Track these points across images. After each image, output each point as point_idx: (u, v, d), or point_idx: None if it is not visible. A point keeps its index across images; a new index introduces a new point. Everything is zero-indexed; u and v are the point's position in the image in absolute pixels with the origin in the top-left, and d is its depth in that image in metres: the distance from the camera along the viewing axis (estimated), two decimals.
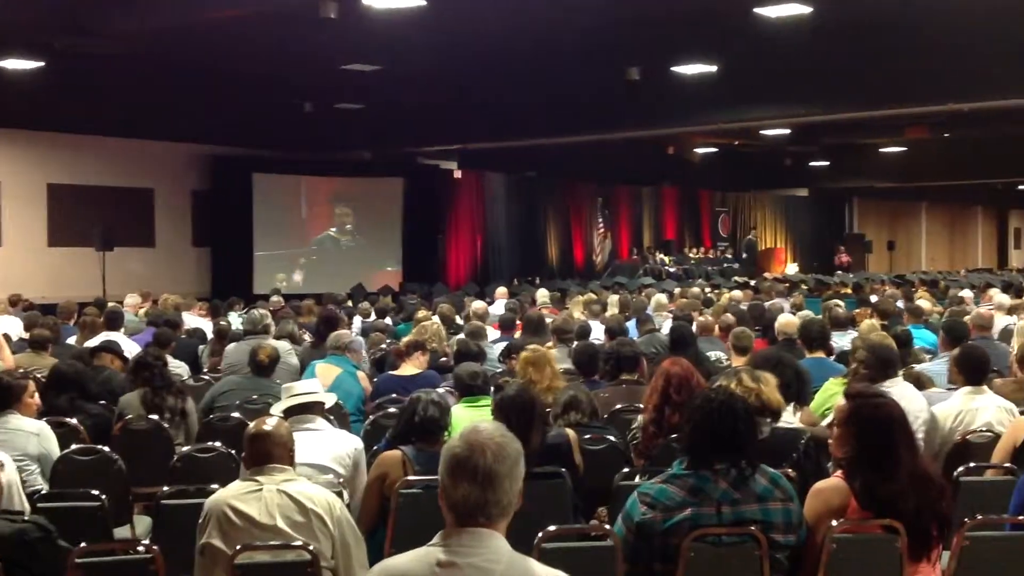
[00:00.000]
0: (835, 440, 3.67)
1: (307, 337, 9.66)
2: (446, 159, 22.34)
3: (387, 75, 14.44)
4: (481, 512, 2.45)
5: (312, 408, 4.82)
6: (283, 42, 12.51)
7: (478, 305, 11.61)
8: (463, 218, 23.40)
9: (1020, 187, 36.92)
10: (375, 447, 4.98)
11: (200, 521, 3.71)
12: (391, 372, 7.08)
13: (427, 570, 2.43)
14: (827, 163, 28.52)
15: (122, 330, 9.41)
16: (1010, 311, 11.32)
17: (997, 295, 12.73)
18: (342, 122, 17.83)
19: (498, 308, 11.90)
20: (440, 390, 5.62)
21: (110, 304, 10.92)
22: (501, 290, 14.68)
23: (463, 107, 16.75)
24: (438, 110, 16.98)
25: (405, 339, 7.82)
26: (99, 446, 5.29)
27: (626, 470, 4.46)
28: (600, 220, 27.02)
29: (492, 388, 5.60)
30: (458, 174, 22.91)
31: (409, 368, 6.92)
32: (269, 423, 3.89)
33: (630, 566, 3.49)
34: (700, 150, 25.71)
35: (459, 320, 11.10)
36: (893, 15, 11.97)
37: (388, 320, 11.60)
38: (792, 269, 29.17)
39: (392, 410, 5.77)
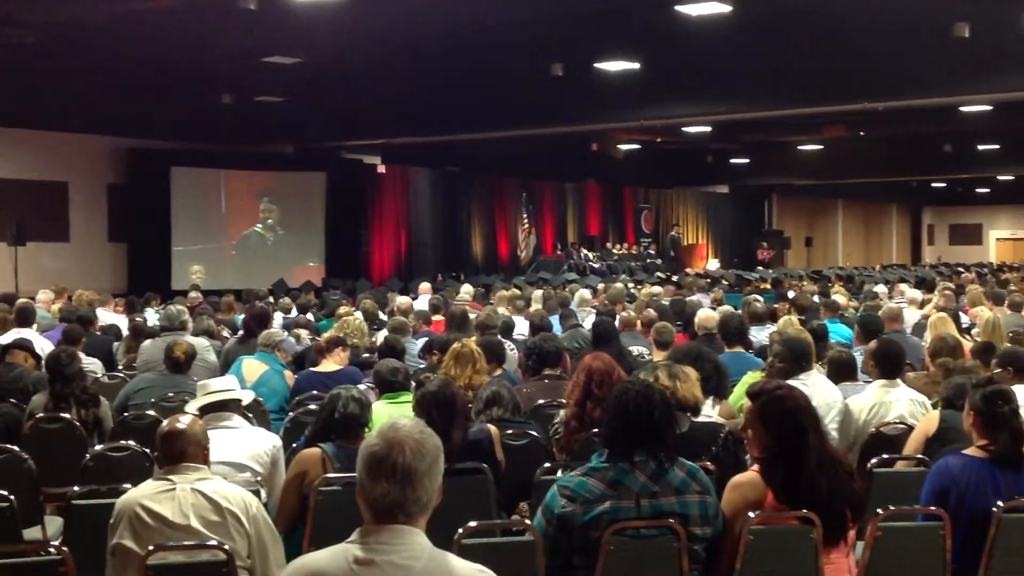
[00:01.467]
0: (749, 441, 3.73)
1: (226, 333, 9.51)
2: (369, 153, 22.18)
3: (308, 68, 14.26)
4: (400, 510, 2.43)
5: (228, 406, 4.74)
6: (202, 33, 12.28)
7: (402, 300, 11.55)
8: (387, 213, 23.25)
9: (933, 185, 37.95)
10: (294, 444, 4.91)
11: (111, 521, 3.63)
12: (312, 368, 6.99)
13: (344, 567, 2.40)
14: (747, 160, 28.96)
15: (34, 327, 9.16)
16: (921, 305, 11.62)
17: (908, 290, 13.04)
18: (263, 115, 17.58)
19: (421, 304, 11.85)
20: (361, 386, 5.56)
21: (21, 300, 10.61)
22: (424, 285, 14.62)
23: (386, 101, 16.64)
24: (361, 104, 16.85)
25: (326, 335, 7.75)
26: (8, 445, 5.13)
27: (547, 465, 4.46)
28: (525, 216, 27.08)
29: (413, 384, 5.57)
30: (382, 169, 22.76)
31: (330, 364, 6.85)
32: (183, 421, 3.82)
33: (550, 559, 3.50)
34: (623, 147, 25.90)
35: (382, 316, 11.03)
36: (811, 14, 12.18)
37: (310, 316, 11.47)
38: (713, 265, 29.57)
39: (313, 407, 5.70)
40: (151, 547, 3.46)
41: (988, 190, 39.64)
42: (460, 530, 3.44)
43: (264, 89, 16.04)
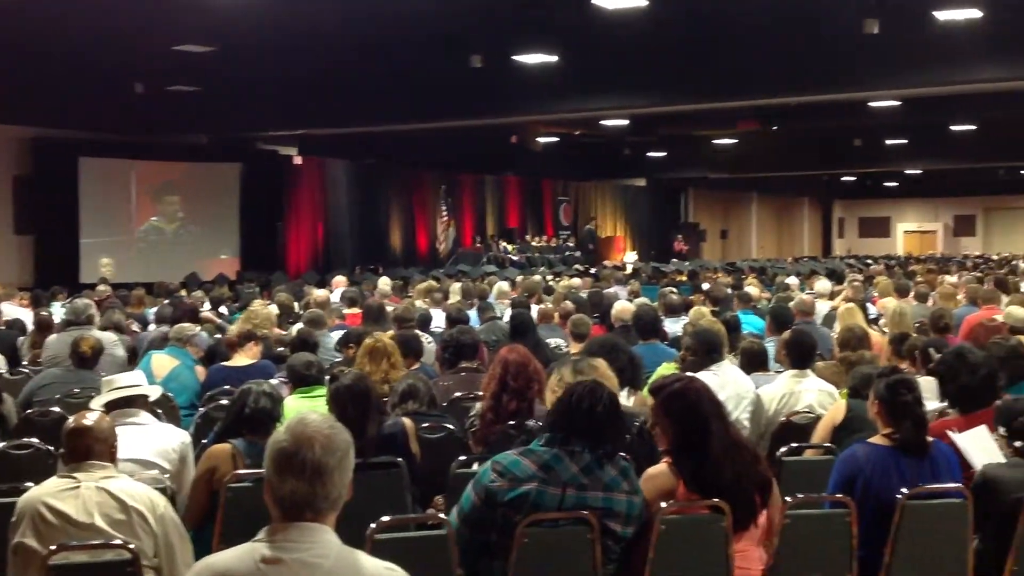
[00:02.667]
0: (657, 436, 3.79)
1: (135, 327, 9.31)
2: (286, 144, 21.89)
3: (223, 57, 14.02)
4: (309, 507, 2.39)
5: (135, 401, 4.63)
6: (111, 20, 11.98)
7: (319, 293, 11.42)
8: (304, 205, 22.98)
9: (843, 179, 38.84)
10: (204, 440, 4.82)
11: (13, 520, 3.53)
12: (223, 363, 6.87)
13: (251, 566, 2.35)
14: (664, 154, 29.28)
15: None
16: (831, 297, 11.86)
17: (819, 282, 13.31)
18: (175, 105, 17.23)
19: (336, 297, 11.73)
20: (274, 380, 5.48)
21: None
22: (339, 279, 14.48)
23: (303, 92, 16.43)
24: (277, 94, 16.61)
25: (236, 328, 7.61)
26: None
27: (463, 458, 4.44)
28: (444, 208, 26.99)
29: (327, 378, 5.50)
30: (298, 160, 22.47)
31: (242, 359, 6.74)
32: (90, 417, 3.73)
33: (471, 534, 3.49)
34: (542, 139, 25.99)
35: (298, 309, 10.89)
36: (726, 9, 12.35)
37: (224, 309, 11.28)
38: (631, 257, 29.84)
39: (224, 402, 5.59)
40: (53, 547, 3.37)
41: (896, 184, 40.73)
42: (372, 525, 3.40)
43: (177, 78, 15.72)
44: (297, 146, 22.12)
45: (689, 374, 4.34)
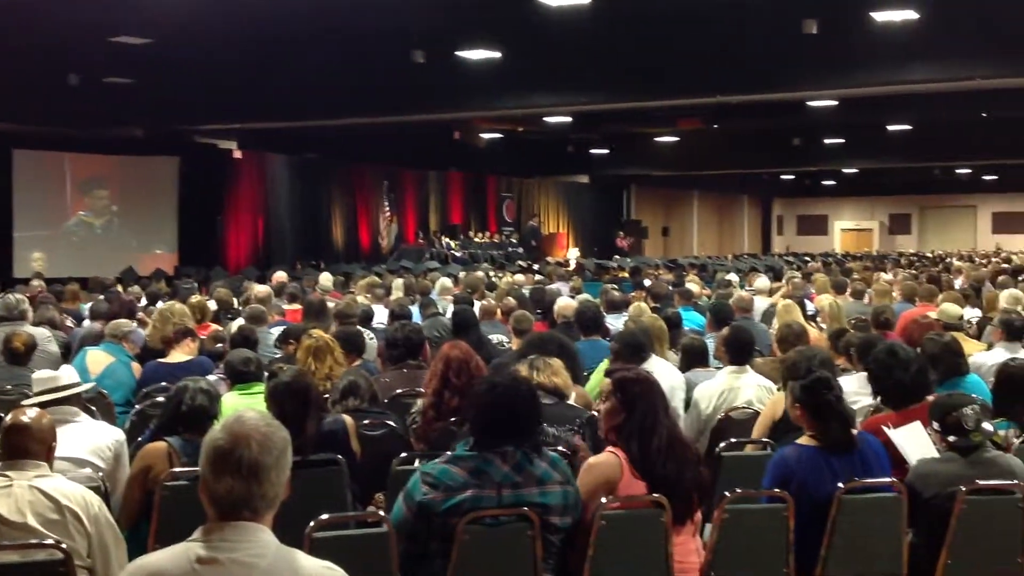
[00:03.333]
0: (603, 415, 3.82)
1: (70, 323, 9.13)
2: (225, 138, 21.60)
3: (160, 48, 13.80)
4: (246, 506, 2.35)
5: (68, 399, 4.53)
6: (45, 10, 11.73)
7: (259, 289, 11.30)
8: (243, 199, 22.69)
9: (782, 177, 39.33)
10: (139, 438, 4.74)
11: None
12: (159, 360, 6.76)
13: (185, 567, 2.31)
14: (607, 151, 29.42)
15: None
16: (770, 294, 12.00)
17: (758, 279, 13.47)
18: (111, 97, 16.92)
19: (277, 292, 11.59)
20: (212, 377, 5.41)
21: None
22: (279, 274, 14.34)
23: (242, 85, 16.23)
24: (216, 87, 16.39)
25: (153, 327, 7.43)
26: None
27: (404, 455, 4.42)
28: (386, 204, 26.84)
29: (266, 374, 5.44)
30: (238, 154, 22.19)
31: (178, 355, 6.64)
32: (28, 415, 3.65)
33: (407, 546, 3.47)
34: (485, 135, 25.97)
35: (236, 304, 10.76)
36: (668, 8, 12.43)
37: (160, 305, 11.08)
38: (574, 254, 29.93)
39: (160, 399, 5.51)
40: None
41: (834, 182, 41.35)
42: (311, 524, 3.37)
43: (113, 70, 15.45)
44: (236, 140, 21.85)
45: (662, 367, 4.34)
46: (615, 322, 8.81)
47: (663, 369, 5.88)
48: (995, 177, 38.38)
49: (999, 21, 12.70)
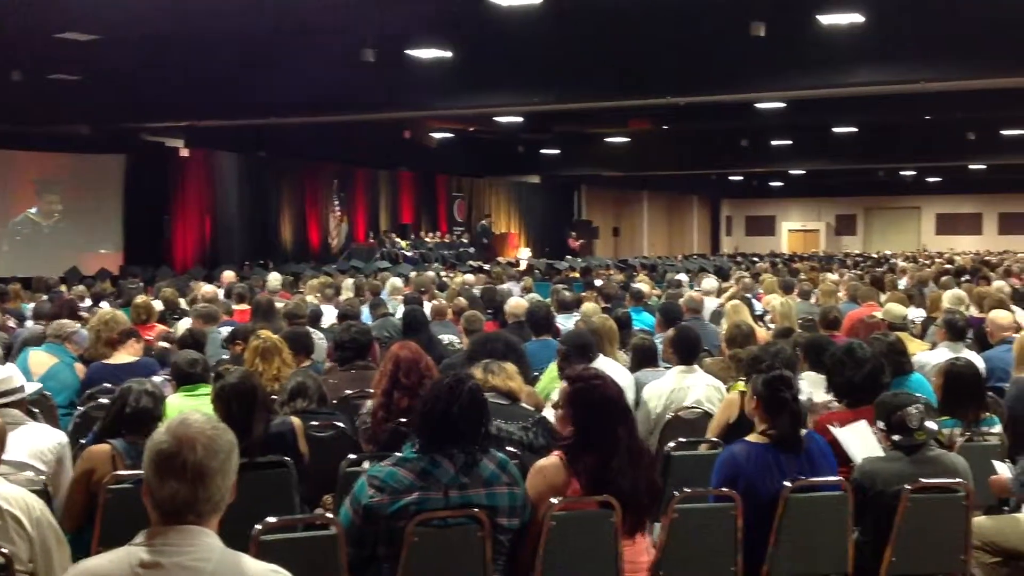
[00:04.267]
0: (558, 420, 3.79)
1: (12, 324, 8.97)
2: (172, 136, 21.35)
3: (106, 45, 13.58)
4: (190, 510, 2.31)
5: (14, 401, 4.43)
6: None
7: (207, 289, 11.18)
8: (191, 198, 22.43)
9: (731, 178, 39.69)
10: (83, 441, 4.65)
11: None
12: (104, 361, 6.65)
13: (128, 571, 2.27)
14: (558, 151, 29.48)
15: None
16: (719, 294, 12.10)
17: (706, 280, 13.57)
18: (57, 94, 16.63)
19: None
20: (157, 378, 5.33)
21: None
22: (228, 273, 14.20)
23: (190, 82, 16.03)
24: (163, 85, 16.17)
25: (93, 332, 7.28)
26: None
27: (353, 456, 4.39)
28: (336, 203, 26.70)
29: (213, 375, 5.37)
30: (185, 152, 21.94)
31: (123, 356, 6.54)
32: None
33: (355, 550, 3.44)
34: (436, 135, 25.91)
35: (183, 304, 10.63)
36: (619, 10, 12.48)
37: (105, 305, 10.93)
38: (525, 254, 29.98)
39: (104, 401, 5.42)
40: None
41: (781, 184, 41.82)
42: (258, 527, 3.33)
43: (58, 66, 15.18)
44: (184, 138, 21.60)
45: (615, 368, 4.33)
46: (566, 322, 8.83)
47: (612, 370, 5.88)
48: (939, 179, 39.07)
49: (943, 25, 12.91)
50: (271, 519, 3.39)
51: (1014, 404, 5.84)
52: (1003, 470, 4.66)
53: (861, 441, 4.47)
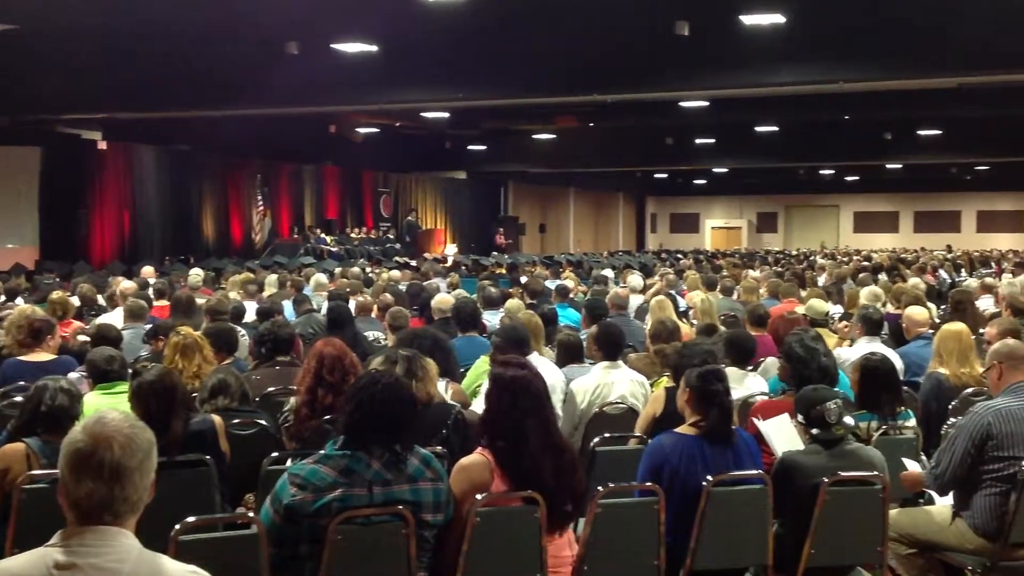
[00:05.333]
0: (485, 410, 3.80)
1: None
2: (89, 129, 20.86)
3: (21, 35, 13.22)
4: (107, 509, 2.26)
5: None
6: None
7: (126, 285, 10.94)
8: (109, 192, 21.94)
9: (656, 176, 40.09)
10: None
11: None
12: (19, 358, 6.47)
13: (43, 572, 2.21)
14: (485, 147, 29.49)
15: None
16: (643, 290, 12.21)
17: (631, 276, 13.68)
18: None
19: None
20: (73, 376, 5.21)
21: None
22: (147, 269, 13.93)
23: (109, 74, 15.67)
24: (80, 76, 15.80)
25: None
26: None
27: (275, 454, 4.33)
28: (260, 198, 26.34)
29: (130, 373, 5.26)
30: (103, 145, 21.45)
31: (40, 354, 6.37)
32: None
33: (276, 549, 3.40)
34: (362, 130, 25.72)
35: (101, 300, 10.40)
36: (543, 6, 12.51)
37: (20, 301, 10.64)
38: (451, 250, 29.94)
39: (18, 399, 5.27)
40: None
41: (705, 182, 42.38)
42: (177, 526, 3.27)
43: None
44: (101, 130, 21.13)
45: (527, 361, 4.32)
46: (492, 318, 8.84)
47: (543, 366, 5.90)
48: (857, 178, 39.94)
49: (861, 28, 13.19)
50: (190, 519, 3.34)
51: (928, 398, 5.99)
52: (913, 466, 4.77)
53: (783, 434, 4.55)
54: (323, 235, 26.30)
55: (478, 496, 3.55)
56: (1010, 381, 4.57)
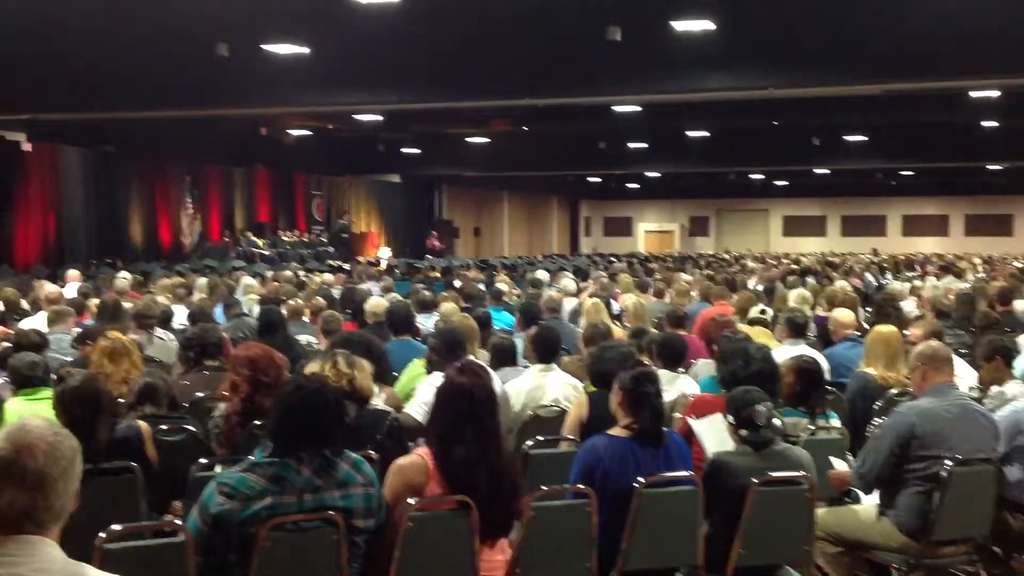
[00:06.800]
0: (431, 414, 3.79)
1: None
2: (12, 129, 20.36)
3: None
4: (29, 519, 2.21)
5: None
6: None
7: (51, 289, 10.72)
8: (33, 194, 21.40)
9: (589, 180, 40.33)
10: None
11: None
12: None
13: None
14: (419, 151, 29.40)
15: None
16: (577, 293, 12.28)
17: (564, 279, 13.75)
18: None
19: (70, 291, 11.04)
20: None
21: None
22: (72, 272, 13.66)
23: (33, 73, 15.31)
24: (3, 76, 15.39)
25: None
26: None
27: (204, 461, 4.27)
28: (189, 200, 25.93)
29: (55, 378, 5.15)
30: (27, 146, 20.97)
31: None
32: None
33: (204, 559, 3.35)
34: (294, 132, 25.49)
35: (25, 304, 10.17)
36: (476, 9, 12.51)
37: None
38: (385, 253, 29.79)
39: None
40: None
41: (638, 186, 42.72)
42: (102, 535, 3.20)
43: None
44: (26, 131, 20.64)
45: (483, 367, 4.30)
46: (426, 322, 8.81)
47: None
48: (786, 183, 40.59)
49: (790, 35, 13.40)
50: (116, 527, 3.27)
51: (855, 398, 6.11)
52: (840, 465, 4.87)
53: (715, 434, 4.60)
54: (254, 238, 26.00)
55: (411, 500, 3.54)
56: (933, 382, 4.68)
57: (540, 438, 4.98)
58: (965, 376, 6.04)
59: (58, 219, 22.01)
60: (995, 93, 17.99)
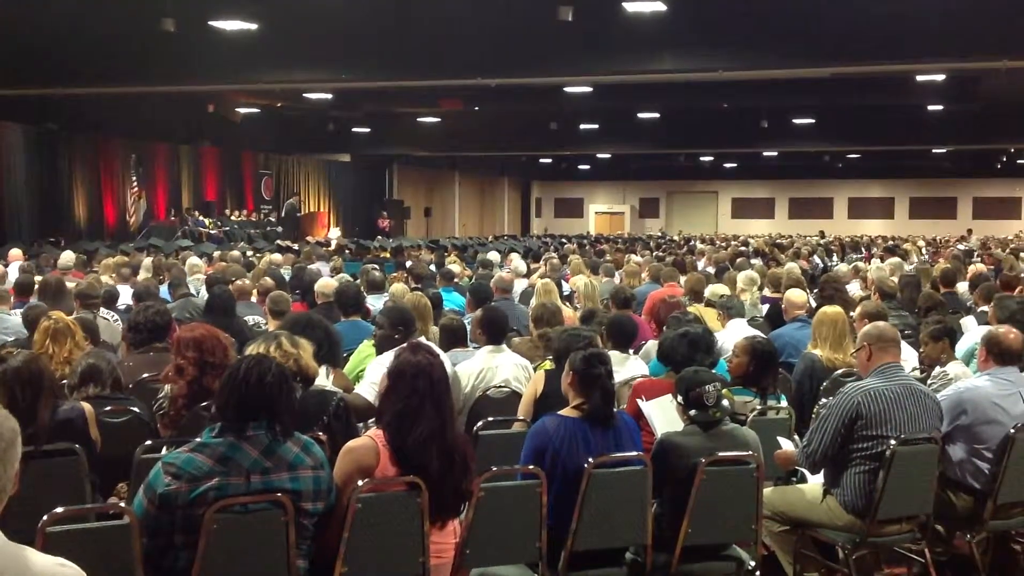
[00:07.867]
0: (382, 394, 3.77)
1: None
2: None
3: None
4: None
5: None
6: None
7: None
8: None
9: (541, 160, 40.37)
10: None
11: None
12: None
13: None
14: (369, 130, 29.20)
15: None
16: (528, 274, 12.27)
17: (516, 260, 13.73)
18: None
19: (13, 271, 10.83)
20: None
21: None
22: (15, 251, 13.40)
23: None
24: None
25: None
26: None
27: (149, 442, 4.21)
28: (134, 179, 25.56)
29: None
30: None
31: None
32: None
33: (150, 540, 3.30)
34: (242, 110, 25.19)
35: None
36: None
37: None
38: (335, 233, 29.58)
39: None
40: None
41: (589, 167, 42.85)
42: (45, 518, 3.14)
43: None
44: None
45: (432, 347, 4.28)
46: (376, 302, 8.76)
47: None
48: (734, 165, 40.92)
49: (739, 18, 13.49)
50: (59, 509, 3.21)
51: (802, 378, 6.18)
52: (787, 444, 4.92)
53: (665, 415, 4.62)
54: (201, 217, 25.68)
55: (360, 482, 3.51)
56: (879, 362, 4.74)
57: (490, 419, 4.97)
58: (909, 358, 6.13)
59: (0, 197, 21.58)
60: (940, 77, 18.27)
